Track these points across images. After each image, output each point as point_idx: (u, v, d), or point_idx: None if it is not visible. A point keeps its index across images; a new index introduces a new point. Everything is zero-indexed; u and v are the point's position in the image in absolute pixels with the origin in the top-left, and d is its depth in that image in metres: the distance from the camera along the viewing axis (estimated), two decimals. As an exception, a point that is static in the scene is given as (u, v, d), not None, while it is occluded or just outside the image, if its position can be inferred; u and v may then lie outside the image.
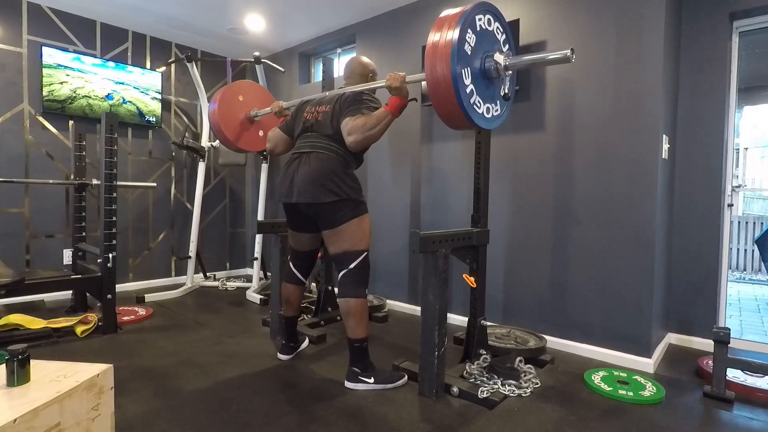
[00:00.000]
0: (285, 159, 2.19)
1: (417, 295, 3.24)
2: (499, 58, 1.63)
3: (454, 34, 1.50)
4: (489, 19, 1.67)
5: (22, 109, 3.34)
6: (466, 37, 1.54)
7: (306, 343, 2.48)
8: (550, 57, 1.60)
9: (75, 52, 3.52)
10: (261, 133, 2.85)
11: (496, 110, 1.75)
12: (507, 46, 1.77)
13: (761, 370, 1.86)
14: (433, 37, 1.54)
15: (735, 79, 2.56)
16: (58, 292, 3.33)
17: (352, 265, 1.98)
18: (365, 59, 2.24)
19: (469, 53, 1.56)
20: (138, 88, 3.84)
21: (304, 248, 2.26)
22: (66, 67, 3.43)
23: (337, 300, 2.00)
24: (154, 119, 3.97)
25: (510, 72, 1.70)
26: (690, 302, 2.63)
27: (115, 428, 1.34)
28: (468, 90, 1.56)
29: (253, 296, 3.60)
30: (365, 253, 2.02)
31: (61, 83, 3.42)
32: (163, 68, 4.08)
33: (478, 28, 1.61)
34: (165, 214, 4.16)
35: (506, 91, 1.73)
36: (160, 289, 3.78)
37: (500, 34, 1.74)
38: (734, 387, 1.98)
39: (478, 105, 1.63)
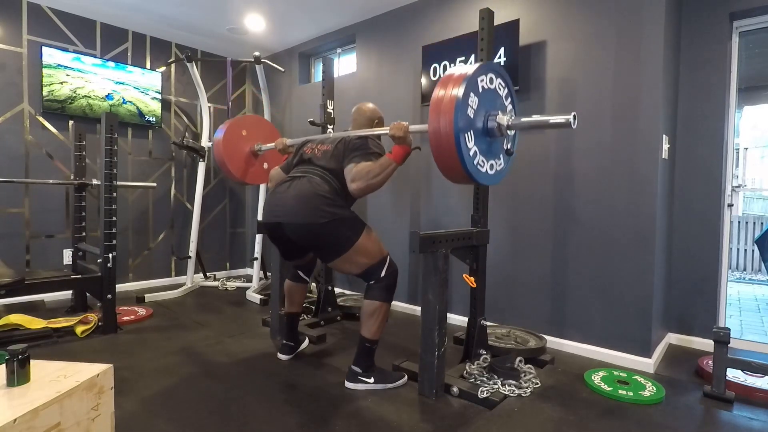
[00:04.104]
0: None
1: (417, 295, 3.24)
2: (502, 119, 1.64)
3: (457, 98, 1.49)
4: (491, 78, 1.67)
5: (22, 109, 3.34)
6: (469, 101, 1.54)
7: (306, 343, 2.48)
8: (552, 121, 1.60)
9: (75, 52, 3.52)
10: (265, 165, 2.84)
11: (500, 164, 1.77)
12: (509, 100, 1.79)
13: (761, 370, 1.86)
14: (437, 100, 1.53)
15: (735, 79, 2.55)
16: (58, 292, 3.33)
17: (382, 274, 1.98)
18: (372, 106, 2.25)
19: (472, 116, 1.56)
20: (138, 88, 3.84)
21: (301, 262, 2.29)
22: (66, 67, 3.43)
23: (364, 299, 1.99)
24: (154, 119, 3.97)
25: (512, 131, 1.71)
26: (690, 302, 2.63)
27: (115, 428, 1.34)
28: (471, 152, 1.58)
29: (253, 296, 3.60)
30: (387, 258, 2.01)
31: (61, 83, 3.42)
32: (163, 68, 4.09)
33: (480, 90, 1.61)
34: (165, 214, 4.16)
35: (508, 147, 1.76)
36: (160, 289, 3.78)
37: (502, 89, 1.75)
38: (734, 387, 1.98)
39: (482, 164, 1.65)
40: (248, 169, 2.75)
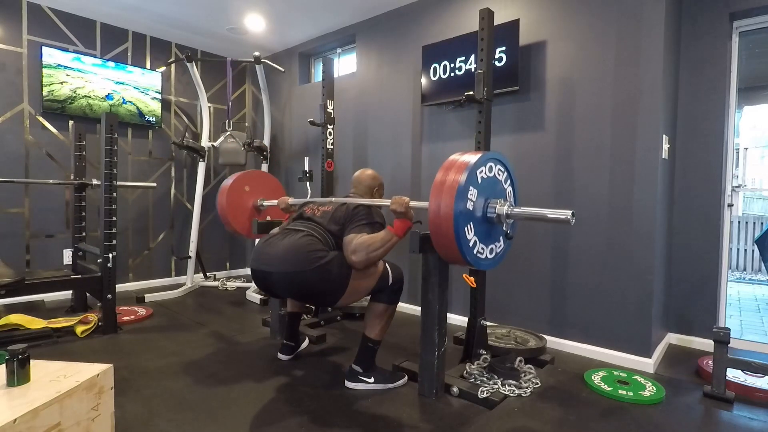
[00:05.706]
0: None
1: (417, 295, 3.23)
2: (501, 210, 1.66)
3: (459, 184, 1.53)
4: (490, 166, 1.70)
5: (22, 109, 3.34)
6: (468, 195, 1.56)
7: (306, 343, 2.48)
8: (550, 215, 1.62)
9: (75, 52, 3.52)
10: (268, 218, 2.86)
11: (500, 247, 1.79)
12: (509, 182, 1.82)
13: (761, 370, 1.86)
14: (437, 186, 1.55)
15: (735, 79, 2.55)
16: (58, 292, 3.33)
17: (389, 283, 2.00)
18: (371, 172, 2.25)
19: (471, 209, 1.59)
20: (138, 88, 3.84)
21: None
22: (66, 67, 3.43)
23: (371, 301, 2.01)
24: (154, 119, 3.97)
25: (511, 219, 1.73)
26: (690, 302, 2.63)
27: (115, 428, 1.34)
28: (471, 243, 1.60)
29: (253, 296, 3.60)
30: (387, 267, 2.01)
31: (61, 83, 3.42)
32: (163, 68, 4.08)
33: (480, 180, 1.63)
34: (165, 214, 4.16)
35: (508, 232, 1.78)
36: (160, 289, 3.78)
37: (501, 174, 1.77)
38: (734, 387, 1.98)
39: (482, 252, 1.67)
40: (251, 224, 2.78)
